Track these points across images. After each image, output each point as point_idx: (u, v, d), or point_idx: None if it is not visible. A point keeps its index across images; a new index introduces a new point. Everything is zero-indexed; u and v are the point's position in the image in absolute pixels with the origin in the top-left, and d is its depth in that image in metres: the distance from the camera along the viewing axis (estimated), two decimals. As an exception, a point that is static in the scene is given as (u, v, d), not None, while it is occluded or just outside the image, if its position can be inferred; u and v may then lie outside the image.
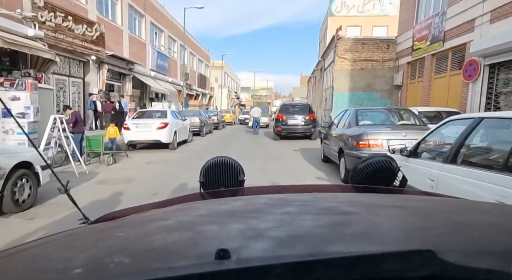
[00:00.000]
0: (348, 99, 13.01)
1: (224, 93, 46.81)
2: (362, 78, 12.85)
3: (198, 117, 15.36)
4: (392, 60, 12.59)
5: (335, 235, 0.54)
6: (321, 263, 0.41)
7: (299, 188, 1.21)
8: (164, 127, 9.86)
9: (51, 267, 0.49)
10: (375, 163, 1.16)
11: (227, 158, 1.26)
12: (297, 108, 13.14)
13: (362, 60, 12.76)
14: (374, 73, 12.82)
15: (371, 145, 4.96)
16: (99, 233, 0.69)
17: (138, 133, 9.70)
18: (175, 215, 0.75)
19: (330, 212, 0.68)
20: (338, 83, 12.96)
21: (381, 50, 12.63)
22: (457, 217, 0.68)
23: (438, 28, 9.30)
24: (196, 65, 34.13)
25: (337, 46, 12.77)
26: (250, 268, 0.41)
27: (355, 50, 12.75)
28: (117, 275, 0.43)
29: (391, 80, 12.69)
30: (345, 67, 12.87)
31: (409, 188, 1.29)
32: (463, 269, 0.42)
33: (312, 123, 12.78)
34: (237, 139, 14.07)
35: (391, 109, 6.80)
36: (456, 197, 0.94)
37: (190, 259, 0.46)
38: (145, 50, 20.64)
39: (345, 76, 12.92)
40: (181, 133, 11.28)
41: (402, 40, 11.93)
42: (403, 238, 0.54)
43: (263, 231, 0.54)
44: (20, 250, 0.61)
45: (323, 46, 37.36)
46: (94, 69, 14.54)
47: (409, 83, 11.55)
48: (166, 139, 9.96)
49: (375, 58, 12.71)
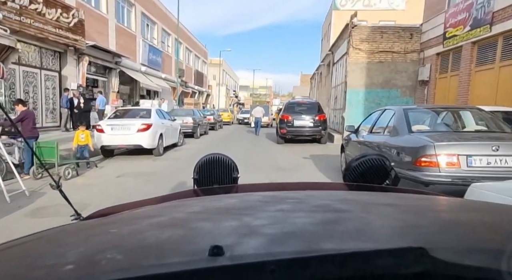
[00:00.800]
0: (363, 97, 11.27)
1: (222, 92, 44.98)
2: (380, 73, 11.11)
3: (191, 116, 13.57)
4: (416, 51, 10.85)
5: (328, 233, 0.54)
6: (315, 259, 0.42)
7: (293, 185, 1.23)
8: (146, 129, 8.08)
9: (42, 264, 0.49)
10: (368, 161, 1.16)
11: (221, 155, 1.26)
12: (304, 107, 11.39)
13: (380, 52, 11.02)
14: (395, 66, 11.08)
15: (442, 163, 3.20)
16: (91, 229, 0.68)
17: (114, 137, 7.91)
18: (169, 212, 0.76)
19: (324, 209, 0.68)
20: (352, 79, 11.21)
21: (403, 40, 10.89)
22: (448, 215, 0.70)
23: (483, 9, 7.58)
24: (192, 61, 32.30)
25: (351, 36, 11.02)
26: (244, 264, 0.40)
27: (373, 40, 11.00)
28: (109, 272, 0.42)
29: (414, 75, 10.96)
30: (361, 60, 11.12)
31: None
32: (454, 266, 0.42)
33: (322, 125, 11.04)
34: (235, 142, 12.29)
35: (455, 108, 5.02)
36: (448, 196, 0.96)
37: (183, 256, 0.46)
38: (135, 43, 18.84)
39: (361, 70, 11.17)
40: (168, 135, 9.51)
41: (429, 27, 10.19)
42: (395, 236, 0.54)
43: (257, 228, 0.54)
44: (10, 246, 0.59)
45: (326, 42, 35.60)
46: (72, 61, 12.73)
47: (438, 77, 9.82)
48: (149, 144, 8.19)
49: (396, 49, 10.97)
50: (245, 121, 27.10)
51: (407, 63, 10.99)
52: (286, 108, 11.47)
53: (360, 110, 11.33)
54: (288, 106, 11.53)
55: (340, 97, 12.72)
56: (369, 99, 11.25)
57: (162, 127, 8.94)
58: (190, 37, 31.24)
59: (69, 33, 11.82)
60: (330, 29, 32.55)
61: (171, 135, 9.82)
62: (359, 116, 11.39)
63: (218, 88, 41.95)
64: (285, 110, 11.40)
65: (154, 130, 8.34)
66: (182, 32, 28.47)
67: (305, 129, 10.97)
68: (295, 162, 7.89)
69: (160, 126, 8.81)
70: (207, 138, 14.41)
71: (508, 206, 0.77)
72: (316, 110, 11.25)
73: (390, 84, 11.15)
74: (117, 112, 8.99)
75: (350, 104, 11.34)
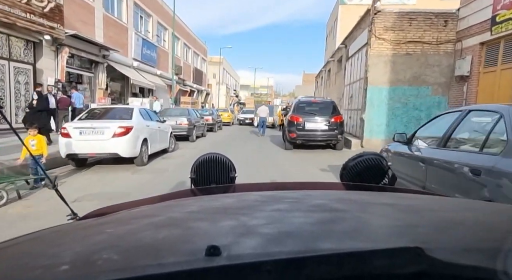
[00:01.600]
0: (387, 96, 9.60)
1: (222, 91, 43.26)
2: (408, 67, 9.44)
3: (186, 117, 11.88)
4: (451, 41, 9.18)
5: (325, 232, 0.54)
6: (311, 259, 0.41)
7: (290, 185, 1.21)
8: (125, 134, 6.42)
9: (37, 264, 0.48)
10: (365, 161, 1.14)
11: (218, 155, 1.25)
12: (317, 107, 9.72)
13: (408, 42, 9.35)
14: (425, 59, 9.41)
15: None
16: (87, 229, 0.68)
17: (83, 143, 6.24)
18: (166, 212, 0.75)
19: (321, 209, 0.68)
20: (375, 74, 9.54)
21: (435, 28, 9.22)
22: (445, 215, 0.69)
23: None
24: (191, 58, 30.61)
25: (374, 23, 9.34)
26: (241, 265, 0.40)
27: (399, 29, 9.32)
28: (105, 272, 0.41)
29: (448, 70, 9.28)
30: (385, 52, 9.45)
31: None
32: (451, 266, 0.42)
33: (339, 128, 9.36)
34: (236, 147, 10.60)
35: None
36: (445, 195, 0.96)
37: (180, 256, 0.45)
38: (127, 36, 17.18)
39: (385, 64, 9.50)
40: (156, 140, 7.85)
41: (469, 12, 8.52)
42: (392, 235, 0.54)
43: (254, 228, 0.54)
44: (5, 246, 0.58)
45: (331, 39, 33.97)
46: (49, 52, 11.07)
47: (482, 72, 8.14)
48: (128, 152, 6.52)
49: (427, 39, 9.30)
50: (246, 122, 25.41)
51: (440, 55, 9.31)
52: (296, 109, 9.78)
53: (383, 110, 9.66)
54: (298, 106, 9.84)
55: (358, 95, 11.04)
56: (394, 98, 9.58)
57: (146, 130, 7.27)
58: (189, 33, 29.57)
59: (43, 19, 10.16)
60: (336, 25, 30.97)
61: (159, 140, 8.15)
62: (382, 118, 9.72)
63: (218, 87, 40.21)
64: (295, 111, 9.71)
65: (136, 135, 6.67)
66: (180, 27, 26.82)
67: (319, 133, 9.30)
68: (313, 177, 6.22)
69: (144, 129, 7.14)
70: (204, 141, 12.74)
71: (504, 205, 0.81)
72: (331, 110, 9.58)
73: (419, 80, 9.47)
74: (90, 112, 7.30)
75: (371, 104, 9.66)
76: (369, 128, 9.71)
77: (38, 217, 3.72)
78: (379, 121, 9.66)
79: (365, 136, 9.76)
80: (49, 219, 3.75)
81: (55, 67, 11.39)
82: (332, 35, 32.75)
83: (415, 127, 9.56)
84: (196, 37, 32.46)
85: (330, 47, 34.45)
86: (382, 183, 1.16)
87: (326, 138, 9.27)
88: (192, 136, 12.01)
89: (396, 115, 9.60)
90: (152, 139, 7.55)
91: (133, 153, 6.62)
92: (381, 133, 9.69)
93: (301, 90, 53.94)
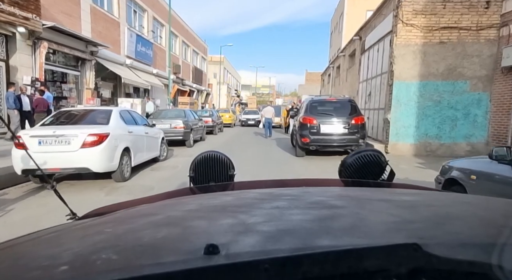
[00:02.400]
0: (417, 92, 8.16)
1: (223, 91, 41.82)
2: (441, 58, 7.99)
3: (182, 119, 10.47)
4: (495, 26, 7.73)
5: (323, 229, 0.54)
6: (309, 257, 0.42)
7: (289, 182, 1.21)
8: (97, 143, 5.02)
9: (36, 265, 0.48)
10: (363, 157, 1.14)
11: (216, 153, 1.25)
12: (334, 106, 8.29)
13: (442, 29, 7.90)
14: (462, 48, 7.96)
15: None
16: (86, 229, 0.67)
17: (44, 156, 4.83)
18: (164, 210, 0.74)
19: (319, 206, 0.68)
20: (402, 67, 8.09)
21: (475, 10, 7.78)
22: (442, 210, 0.69)
23: None
24: (190, 57, 29.23)
25: (401, 6, 7.89)
26: (239, 263, 0.40)
27: (431, 12, 7.88)
28: (104, 272, 0.41)
29: (491, 60, 7.84)
30: (414, 40, 8.00)
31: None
32: (447, 261, 0.42)
33: (360, 131, 7.94)
34: (238, 153, 9.16)
35: None
36: (442, 190, 1.13)
37: (179, 255, 0.45)
38: (119, 31, 15.81)
39: (414, 55, 8.06)
40: (141, 149, 6.46)
41: (519, -10, 7.07)
42: (389, 232, 0.54)
43: (252, 226, 0.54)
44: (4, 247, 0.58)
45: (337, 34, 32.53)
46: (25, 47, 9.70)
47: (539, 62, 6.69)
48: (103, 166, 5.12)
49: (465, 24, 7.85)
50: (248, 123, 24.00)
51: (481, 43, 7.86)
52: (308, 109, 8.34)
53: (411, 110, 8.22)
54: (311, 106, 8.39)
55: (379, 92, 9.59)
56: (425, 95, 8.13)
57: (129, 137, 5.87)
58: (188, 30, 28.20)
59: (15, 8, 8.78)
60: (342, 19, 29.53)
61: (146, 148, 6.74)
62: (410, 119, 8.26)
63: (219, 87, 38.74)
64: (308, 111, 8.27)
65: (113, 144, 5.27)
66: (178, 24, 25.44)
67: (336, 137, 7.86)
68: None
69: (125, 136, 5.74)
70: (203, 146, 11.31)
71: (501, 199, 0.78)
72: (350, 110, 8.15)
73: (455, 73, 8.02)
74: (57, 116, 5.87)
75: (398, 102, 8.21)
76: (395, 130, 8.26)
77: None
78: (407, 122, 8.21)
79: (390, 140, 8.31)
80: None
81: (32, 64, 10.02)
82: (337, 31, 31.31)
83: (450, 129, 8.11)
84: (196, 35, 31.09)
85: (335, 44, 33.01)
86: (381, 179, 1.14)
87: (345, 143, 7.83)
88: (189, 140, 10.60)
89: (427, 115, 8.16)
90: (136, 148, 6.14)
91: (109, 167, 5.21)
92: (409, 136, 8.25)
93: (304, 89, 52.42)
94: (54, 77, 12.34)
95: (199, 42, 32.58)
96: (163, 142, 7.90)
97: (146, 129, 6.91)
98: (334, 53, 32.58)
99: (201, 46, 33.19)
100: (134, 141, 6.08)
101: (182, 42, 26.53)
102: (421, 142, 8.15)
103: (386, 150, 8.42)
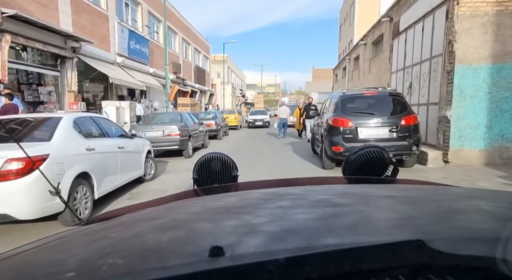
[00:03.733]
0: (488, 79, 6.08)
1: (227, 91, 39.73)
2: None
3: (178, 125, 8.54)
4: None
5: (327, 228, 0.54)
6: (313, 257, 0.42)
7: (292, 181, 1.28)
8: (23, 173, 3.07)
9: (43, 271, 0.48)
10: (366, 153, 1.14)
11: (219, 154, 1.25)
12: (374, 102, 6.28)
13: (522, -8, 5.80)
14: (552, 18, 5.84)
15: None
16: (92, 234, 0.67)
17: None
18: (169, 214, 0.75)
19: (323, 204, 0.68)
20: (467, 45, 6.02)
21: None
22: (446, 204, 0.69)
23: None
24: (192, 55, 27.35)
25: (463, -36, 5.81)
26: (244, 265, 0.40)
27: (505, -29, 5.79)
28: (111, 277, 0.42)
29: None
30: (483, 10, 5.93)
31: None
32: (452, 256, 0.42)
33: (413, 135, 5.92)
34: (251, 165, 7.14)
35: None
36: (447, 185, 0.95)
37: (184, 258, 0.46)
38: (107, 26, 13.96)
39: (483, 29, 5.99)
40: (114, 171, 4.55)
41: None
42: (393, 228, 0.54)
43: (257, 227, 0.54)
44: (12, 254, 0.58)
45: (347, 26, 30.37)
46: (-19, 42, 7.87)
47: None
48: (32, 209, 3.18)
49: (555, -16, 5.74)
50: (256, 124, 22.01)
51: None
52: (340, 106, 6.30)
53: (480, 103, 6.14)
54: (343, 102, 6.36)
55: (427, 82, 7.50)
56: (500, 82, 6.04)
57: (87, 157, 3.94)
58: (188, 27, 26.33)
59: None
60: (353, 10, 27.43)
61: (121, 168, 4.80)
62: (479, 116, 6.16)
63: (223, 87, 36.69)
64: (339, 110, 6.25)
65: (54, 171, 3.34)
66: (177, 20, 23.57)
67: (382, 144, 5.79)
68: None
69: (78, 157, 3.80)
70: (205, 156, 9.33)
71: (505, 192, 0.77)
72: (397, 107, 6.13)
73: (540, 52, 5.90)
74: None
75: (461, 93, 6.13)
76: (457, 132, 6.19)
77: None
78: (475, 120, 6.14)
79: (451, 146, 6.24)
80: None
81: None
82: (348, 23, 29.17)
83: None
84: (197, 32, 29.21)
85: (346, 36, 30.89)
86: (384, 175, 1.14)
87: (393, 152, 5.77)
88: (187, 150, 8.67)
89: (503, 110, 6.08)
90: (103, 171, 4.22)
91: (45, 210, 3.27)
92: (478, 140, 6.18)
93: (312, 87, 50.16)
94: (29, 79, 10.54)
95: (201, 40, 30.71)
96: (149, 157, 5.95)
97: (122, 142, 4.96)
98: (345, 46, 30.47)
99: (203, 44, 31.32)
100: (99, 162, 4.15)
101: (182, 40, 24.66)
102: (495, 147, 6.07)
103: (445, 159, 6.34)
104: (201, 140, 10.55)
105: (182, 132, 8.45)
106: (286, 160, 8.01)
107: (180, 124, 8.59)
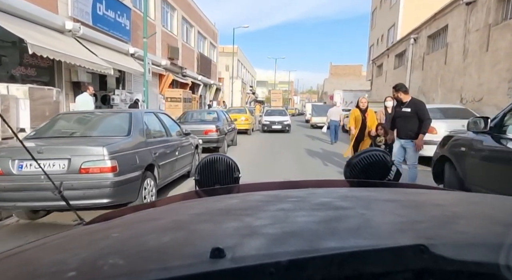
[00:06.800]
0: None
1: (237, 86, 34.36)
2: None
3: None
4: None
5: (329, 231, 0.53)
6: (316, 260, 0.42)
7: (294, 183, 1.21)
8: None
9: (44, 271, 0.48)
10: (369, 157, 1.12)
11: (221, 155, 1.26)
12: None
13: None
14: None
15: None
16: (93, 234, 0.67)
17: None
18: (170, 214, 0.75)
19: (325, 207, 0.67)
20: None
21: None
22: (449, 209, 0.68)
23: None
24: (194, 40, 22.27)
25: None
26: (245, 267, 0.41)
27: None
28: (111, 277, 0.42)
29: None
30: None
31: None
32: (455, 262, 0.42)
33: None
34: None
35: None
36: (449, 189, 0.91)
37: (184, 259, 0.46)
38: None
39: None
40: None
41: None
42: (395, 232, 0.54)
43: (258, 229, 0.54)
44: (13, 253, 0.58)
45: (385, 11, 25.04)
46: None
47: None
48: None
49: None
50: (273, 128, 16.85)
51: None
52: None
53: None
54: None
55: None
56: None
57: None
58: (190, 4, 21.27)
59: None
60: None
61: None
62: None
63: (232, 81, 31.40)
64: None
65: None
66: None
67: None
68: None
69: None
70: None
71: (509, 198, 0.75)
72: None
73: None
74: None
75: None
76: None
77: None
78: None
79: None
80: None
81: None
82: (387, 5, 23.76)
83: None
84: (202, 14, 24.11)
85: (382, 23, 25.49)
86: (387, 179, 1.12)
87: None
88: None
89: None
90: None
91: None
92: None
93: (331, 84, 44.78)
94: None
95: (207, 23, 25.60)
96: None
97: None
98: (382, 33, 25.14)
99: (209, 29, 26.22)
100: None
101: (182, 19, 19.62)
102: None
103: None
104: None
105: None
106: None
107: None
